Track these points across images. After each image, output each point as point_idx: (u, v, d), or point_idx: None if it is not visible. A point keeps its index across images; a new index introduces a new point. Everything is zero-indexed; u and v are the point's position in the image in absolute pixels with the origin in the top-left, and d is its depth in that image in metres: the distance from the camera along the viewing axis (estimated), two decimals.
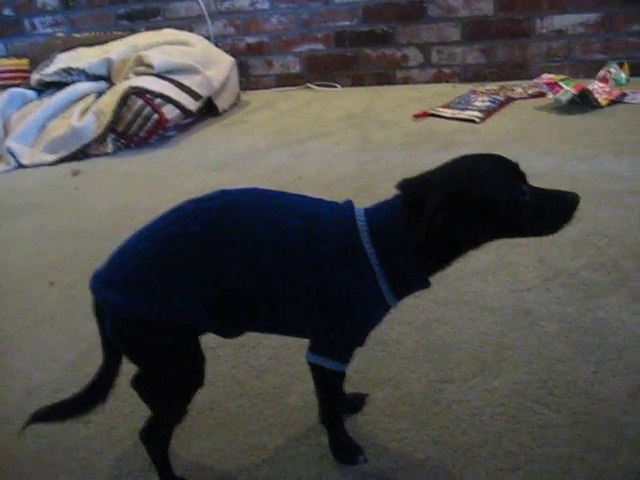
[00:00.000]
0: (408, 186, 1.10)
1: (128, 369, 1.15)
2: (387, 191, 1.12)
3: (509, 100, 3.47)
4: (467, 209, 1.03)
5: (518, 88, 3.62)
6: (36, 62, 4.03)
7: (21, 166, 3.45)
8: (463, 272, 1.79)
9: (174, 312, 1.05)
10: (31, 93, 3.85)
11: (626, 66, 3.43)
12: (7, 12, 4.90)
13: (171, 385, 1.13)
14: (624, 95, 3.25)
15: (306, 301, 1.09)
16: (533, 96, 3.48)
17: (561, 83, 3.26)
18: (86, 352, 1.64)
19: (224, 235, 1.06)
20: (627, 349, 1.45)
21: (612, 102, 3.19)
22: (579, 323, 1.56)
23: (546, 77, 3.35)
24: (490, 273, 1.81)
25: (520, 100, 3.49)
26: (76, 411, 1.20)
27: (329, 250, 1.07)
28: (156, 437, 1.18)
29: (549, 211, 1.09)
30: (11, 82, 4.05)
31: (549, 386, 1.36)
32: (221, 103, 3.90)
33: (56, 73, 3.77)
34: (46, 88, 3.83)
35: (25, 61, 4.22)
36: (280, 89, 4.43)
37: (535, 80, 3.43)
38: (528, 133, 2.95)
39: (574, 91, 3.16)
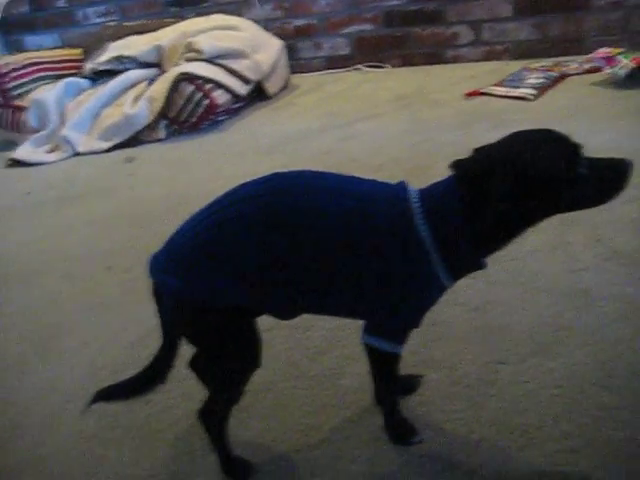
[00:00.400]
0: (462, 166, 1.09)
1: (187, 351, 1.18)
2: (440, 171, 1.11)
3: (564, 76, 3.38)
4: (529, 190, 1.01)
5: (573, 64, 3.52)
6: (89, 51, 4.12)
7: (77, 154, 3.54)
8: (518, 252, 1.76)
9: (229, 294, 1.06)
10: (85, 82, 3.94)
11: None
12: (60, 3, 4.99)
13: (228, 366, 1.15)
14: None
15: (361, 283, 1.08)
16: (589, 71, 3.38)
17: (619, 57, 3.15)
18: (144, 335, 1.68)
19: (278, 218, 1.06)
20: None
21: None
22: (638, 304, 1.52)
23: (602, 51, 3.25)
24: (545, 253, 1.78)
25: (575, 76, 3.40)
26: (136, 391, 1.22)
27: (383, 232, 1.06)
28: (213, 417, 1.20)
29: (605, 181, 1.07)
30: (66, 72, 4.14)
31: (608, 368, 1.34)
32: (271, 87, 3.91)
33: (108, 62, 3.85)
34: (99, 77, 3.91)
35: (79, 51, 4.30)
36: (329, 71, 4.42)
37: (591, 54, 3.33)
38: (584, 109, 2.88)
39: (633, 64, 3.05)
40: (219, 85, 3.50)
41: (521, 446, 1.19)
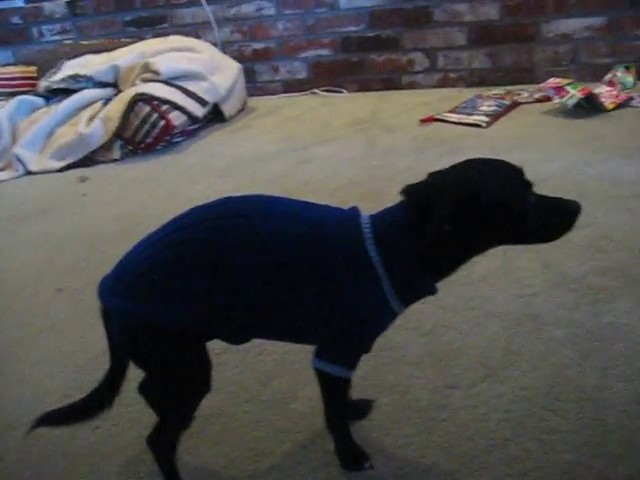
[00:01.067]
0: (413, 192, 1.10)
1: (135, 375, 1.16)
2: (394, 196, 1.12)
3: (515, 104, 3.47)
4: (475, 215, 1.03)
5: (524, 92, 3.62)
6: (44, 69, 4.05)
7: (29, 173, 3.47)
8: (469, 277, 1.79)
9: (179, 318, 1.05)
10: (39, 100, 3.88)
11: (633, 69, 3.42)
12: (15, 20, 4.93)
13: (178, 391, 1.14)
14: (631, 99, 3.25)
15: (311, 308, 1.09)
16: (539, 100, 3.48)
17: (567, 87, 3.25)
18: (94, 358, 1.64)
19: (230, 242, 1.06)
20: (635, 354, 1.45)
21: (619, 106, 3.19)
22: (586, 328, 1.55)
23: (552, 81, 3.35)
24: (496, 278, 1.81)
25: (526, 104, 3.49)
26: (81, 416, 1.20)
27: (334, 257, 1.07)
28: (163, 443, 1.18)
29: (552, 219, 1.10)
30: (19, 89, 4.07)
31: (556, 392, 1.36)
32: (227, 109, 3.91)
33: (64, 80, 3.79)
34: (54, 95, 3.85)
35: (33, 68, 4.24)
36: (286, 95, 4.44)
37: (541, 84, 3.42)
38: (535, 137, 2.95)
39: (580, 95, 3.15)
40: (176, 106, 3.49)
41: (471, 471, 1.20)
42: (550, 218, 1.10)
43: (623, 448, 1.20)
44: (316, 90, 4.37)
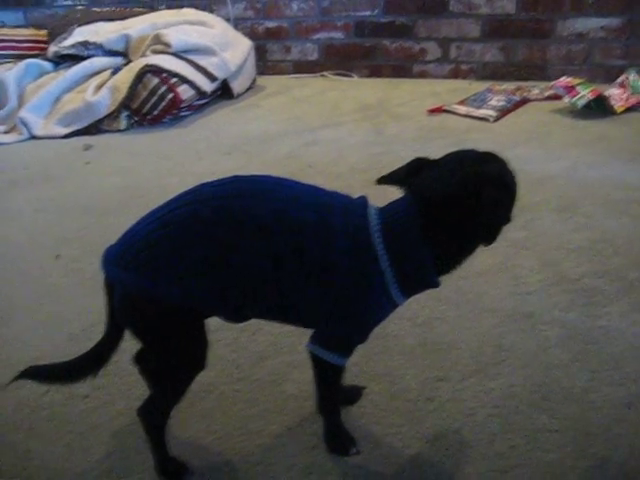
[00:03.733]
0: (421, 186, 1.11)
1: (129, 346, 1.17)
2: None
3: (525, 101, 3.46)
4: (503, 202, 1.08)
5: (535, 89, 3.60)
6: (54, 34, 4.03)
7: (33, 137, 3.46)
8: (467, 272, 1.77)
9: (182, 293, 1.06)
10: (47, 65, 3.86)
11: None
12: None
13: (173, 366, 1.15)
14: None
15: (312, 294, 1.09)
16: (549, 98, 3.47)
17: (578, 87, 3.24)
18: (89, 326, 1.65)
19: (234, 222, 1.06)
20: (624, 359, 1.46)
21: (628, 109, 3.18)
22: (579, 330, 1.56)
23: (564, 80, 3.34)
24: (493, 274, 1.81)
25: (536, 101, 3.48)
26: (64, 377, 1.21)
27: (339, 246, 1.07)
28: (153, 416, 1.19)
29: None
30: (28, 52, 4.05)
31: (544, 391, 1.37)
32: (236, 86, 3.89)
33: (73, 46, 3.77)
34: (63, 61, 3.83)
35: (44, 32, 4.21)
36: (297, 75, 4.43)
37: (552, 82, 3.41)
38: (541, 136, 2.95)
39: (590, 96, 3.14)
40: (184, 80, 3.48)
41: (455, 464, 1.21)
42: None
43: (607, 451, 1.22)
44: (326, 73, 4.35)
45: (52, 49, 3.88)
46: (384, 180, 1.17)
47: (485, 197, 1.03)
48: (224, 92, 3.86)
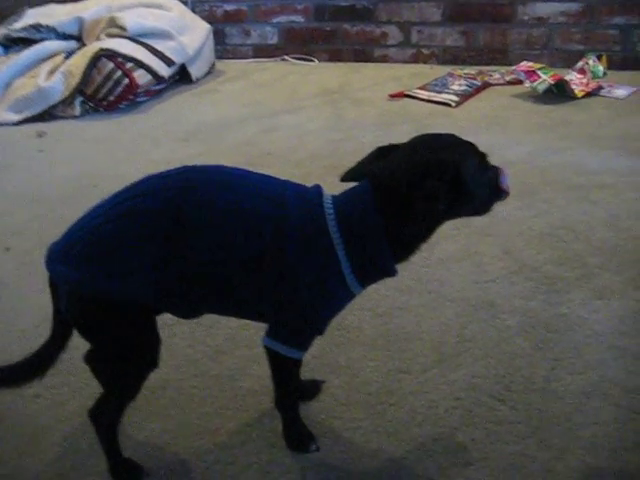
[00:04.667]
0: (377, 174, 1.09)
1: (81, 343, 1.12)
2: None
3: (486, 85, 3.45)
4: (455, 192, 1.04)
5: (496, 74, 3.60)
6: (4, 16, 3.89)
7: None
8: (428, 260, 1.77)
9: (129, 290, 1.03)
10: None
11: (604, 59, 3.41)
12: None
13: (124, 364, 1.11)
14: (600, 88, 3.25)
15: (266, 287, 1.07)
16: (510, 83, 3.46)
17: (539, 72, 3.24)
18: (42, 322, 1.57)
19: (184, 215, 1.03)
20: (586, 347, 1.45)
21: (588, 94, 3.19)
22: (540, 318, 1.56)
23: (525, 65, 3.34)
24: (455, 262, 1.80)
25: (497, 86, 3.47)
26: (9, 381, 1.17)
27: (293, 237, 1.04)
28: (106, 416, 1.15)
29: (490, 190, 1.13)
30: None
31: (506, 381, 1.36)
32: (195, 71, 3.81)
33: (24, 29, 3.64)
34: (13, 44, 3.70)
35: None
36: (256, 60, 4.35)
37: (513, 67, 3.41)
38: (502, 120, 2.94)
39: (551, 81, 3.15)
40: (140, 64, 3.38)
41: (417, 458, 1.19)
42: (490, 189, 1.13)
43: (568, 441, 1.21)
44: (287, 57, 4.28)
45: (1, 32, 3.74)
46: (348, 176, 1.13)
47: (424, 187, 1.01)
48: (182, 77, 3.78)
